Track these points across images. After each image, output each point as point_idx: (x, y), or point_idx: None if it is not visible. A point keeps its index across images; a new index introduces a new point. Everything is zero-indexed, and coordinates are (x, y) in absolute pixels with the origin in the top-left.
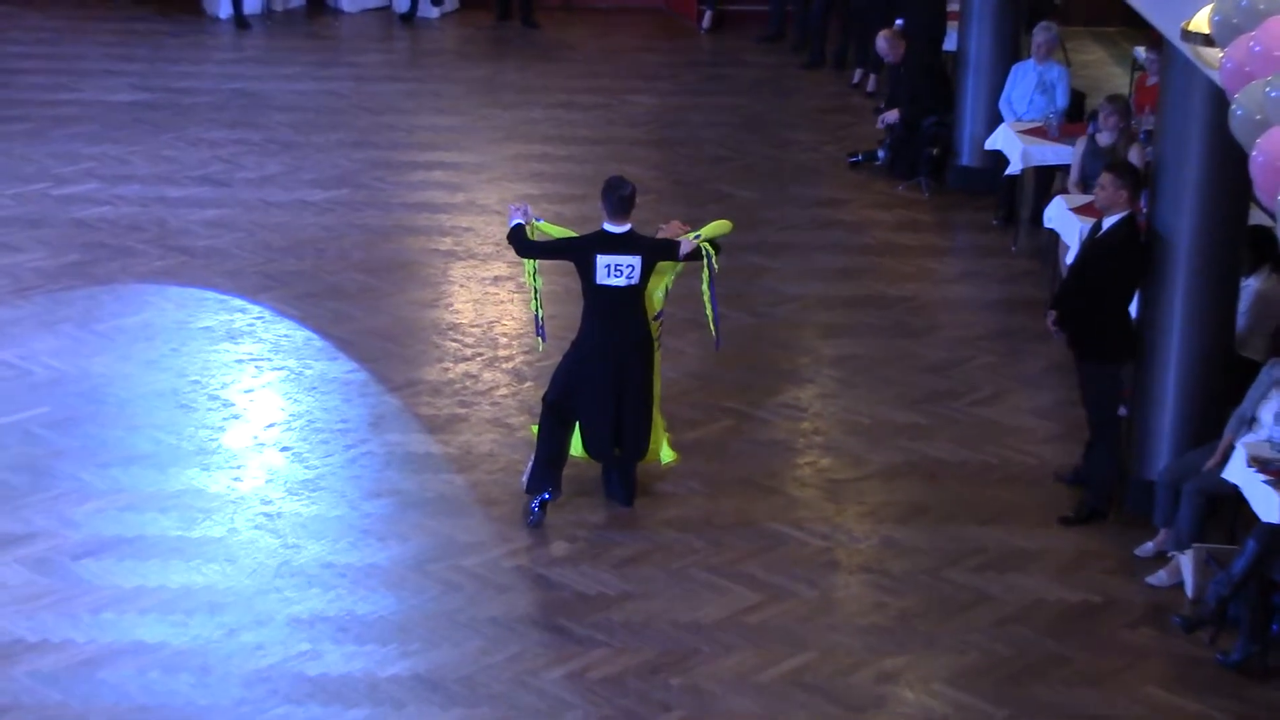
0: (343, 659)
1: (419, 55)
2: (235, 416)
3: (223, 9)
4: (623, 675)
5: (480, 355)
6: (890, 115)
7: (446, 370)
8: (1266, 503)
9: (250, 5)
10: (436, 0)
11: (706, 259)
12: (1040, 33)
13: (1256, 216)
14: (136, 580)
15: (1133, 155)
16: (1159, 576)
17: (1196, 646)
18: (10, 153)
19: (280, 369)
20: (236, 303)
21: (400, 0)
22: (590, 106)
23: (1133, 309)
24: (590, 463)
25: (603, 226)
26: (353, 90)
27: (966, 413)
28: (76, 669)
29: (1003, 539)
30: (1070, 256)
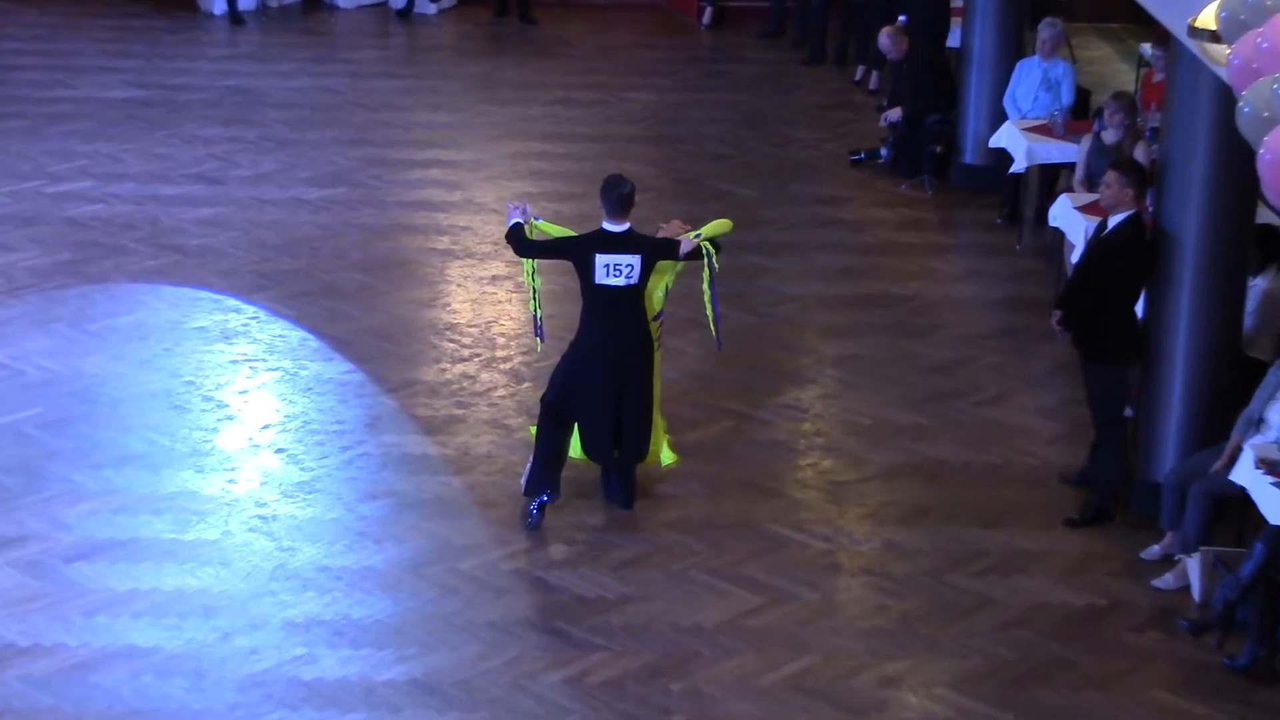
0: (338, 663)
1: (416, 52)
2: (230, 417)
3: (217, 5)
4: (622, 679)
5: (478, 355)
6: (893, 113)
7: (444, 371)
8: (1274, 505)
9: (245, 2)
10: None
11: (707, 258)
12: (1045, 29)
13: (1264, 215)
14: (130, 583)
15: (1138, 153)
16: (1165, 580)
17: (1203, 650)
18: (5, 150)
19: (275, 369)
20: (231, 302)
21: None
22: (589, 103)
23: (1139, 309)
24: (589, 464)
25: (601, 225)
26: (349, 87)
27: (970, 413)
28: (69, 673)
29: (1006, 541)
30: (1075, 255)
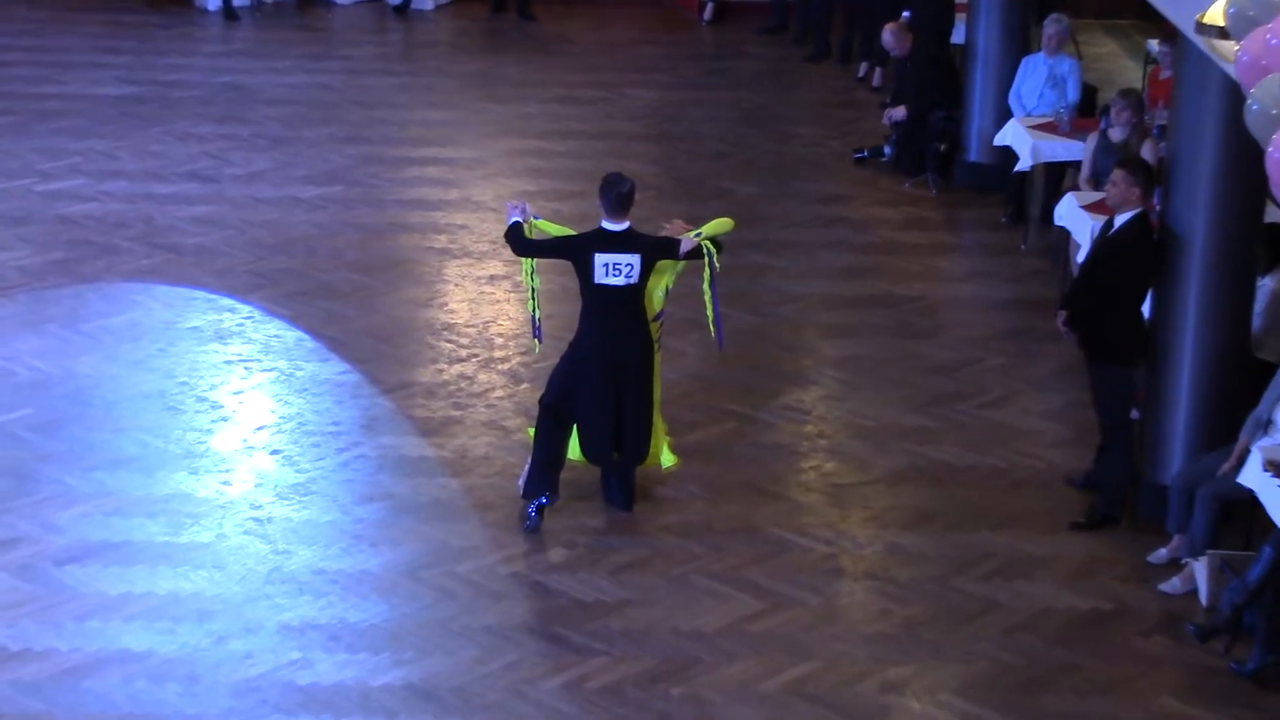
0: (334, 668)
1: (413, 48)
2: (224, 419)
3: (211, 1)
4: (621, 685)
5: (476, 356)
6: (897, 112)
7: (441, 372)
8: None
9: None
10: None
11: (708, 257)
12: (1051, 25)
13: (1273, 214)
14: (122, 587)
15: (1145, 151)
16: (1172, 584)
17: (1211, 656)
18: None
19: (270, 370)
20: (225, 302)
21: None
22: (588, 101)
23: (1145, 309)
24: (588, 466)
25: (601, 224)
26: (345, 84)
27: (974, 415)
28: (60, 678)
29: (1011, 545)
30: (1081, 255)
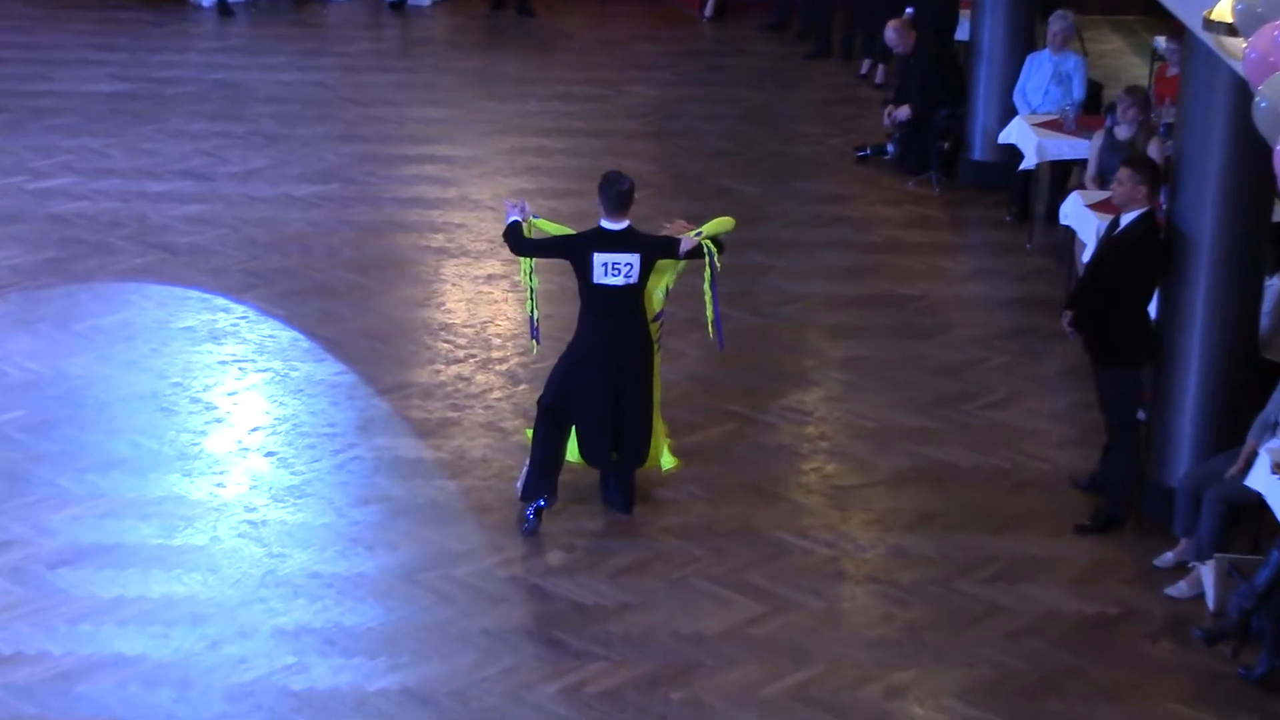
0: (329, 672)
1: (410, 45)
2: (218, 420)
3: None
4: (621, 689)
5: (473, 357)
6: (901, 112)
7: (438, 372)
8: None
9: None
10: None
11: (708, 257)
12: (1056, 21)
13: None
14: (115, 590)
15: (1152, 149)
16: (1179, 588)
17: (1218, 660)
18: None
19: (265, 370)
20: (220, 302)
21: None
22: (587, 98)
23: (1152, 309)
24: (587, 468)
25: (600, 223)
26: (340, 81)
27: (978, 416)
28: (52, 682)
29: (1016, 548)
30: (1087, 254)
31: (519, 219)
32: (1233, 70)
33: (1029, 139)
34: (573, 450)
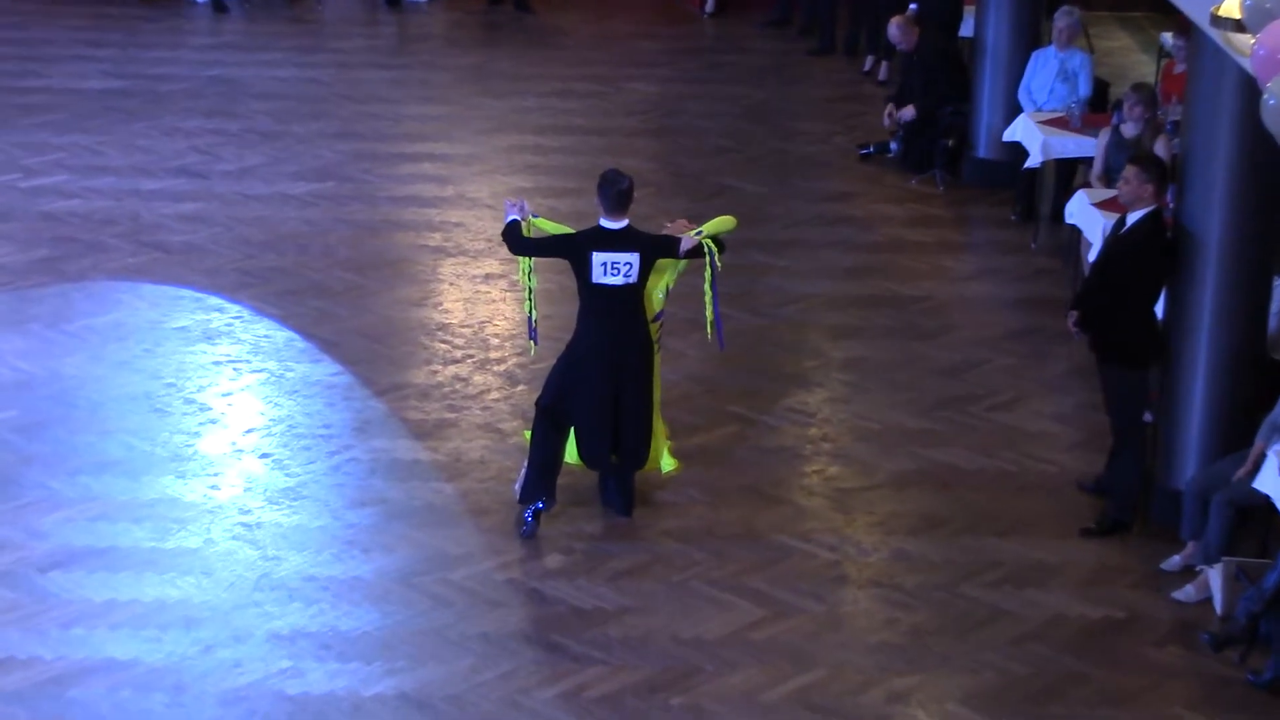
0: (325, 677)
1: (406, 41)
2: (212, 421)
3: None
4: (620, 694)
5: (471, 357)
6: (906, 112)
7: (435, 373)
8: None
9: None
10: None
11: (709, 256)
12: (1062, 18)
13: None
14: (108, 594)
15: (1159, 147)
16: (1186, 592)
17: (1226, 665)
18: None
19: (260, 371)
20: (214, 301)
21: None
22: (586, 95)
23: (1159, 309)
24: (586, 470)
25: (599, 222)
26: (336, 78)
27: (983, 418)
28: (44, 687)
29: (1021, 551)
30: (1093, 254)
31: (518, 218)
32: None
33: (1034, 137)
34: (571, 452)
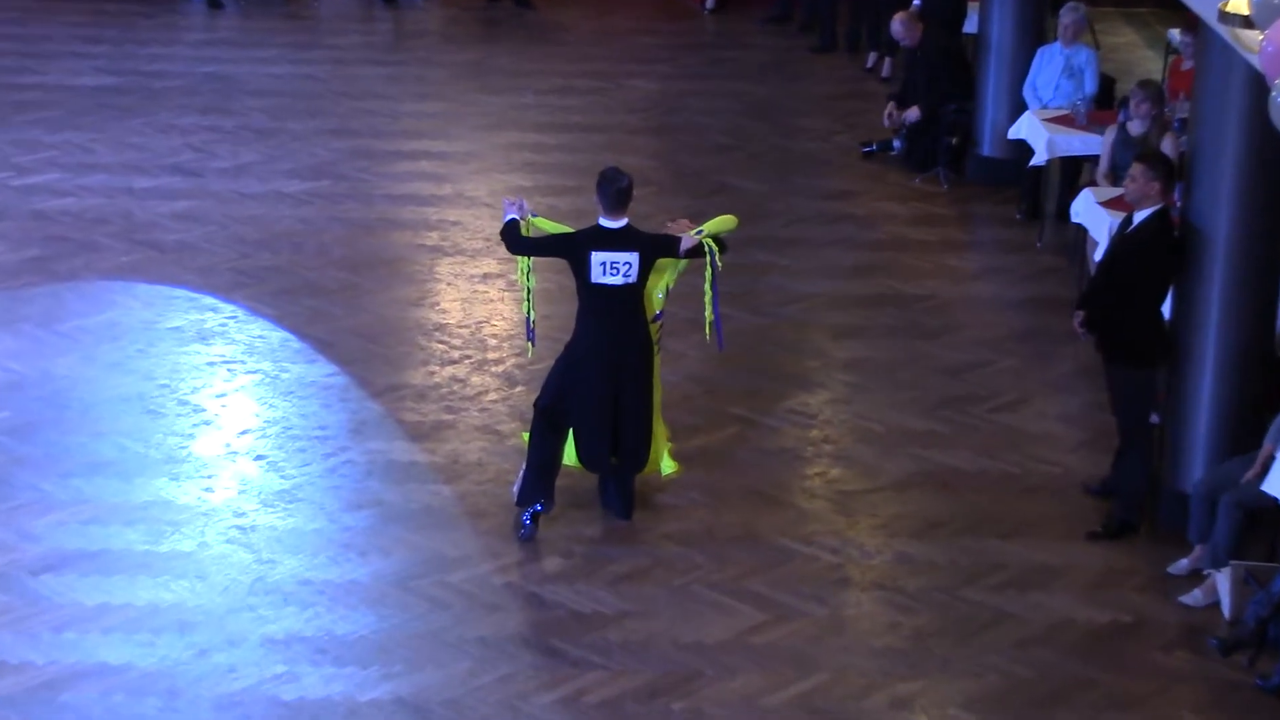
0: (321, 682)
1: (403, 37)
2: (206, 423)
3: None
4: (620, 699)
5: (468, 358)
6: (911, 114)
7: (432, 374)
8: None
9: None
10: None
11: (709, 256)
12: (1067, 13)
13: None
14: (100, 597)
15: (1166, 145)
16: (1194, 595)
17: (1234, 670)
18: None
19: (255, 372)
20: (208, 301)
21: None
22: (586, 92)
23: (1166, 308)
24: (585, 472)
25: (598, 221)
26: (332, 74)
27: (987, 419)
28: (36, 691)
29: (1025, 554)
30: (1099, 253)
31: (516, 217)
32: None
33: (1039, 134)
34: (570, 455)
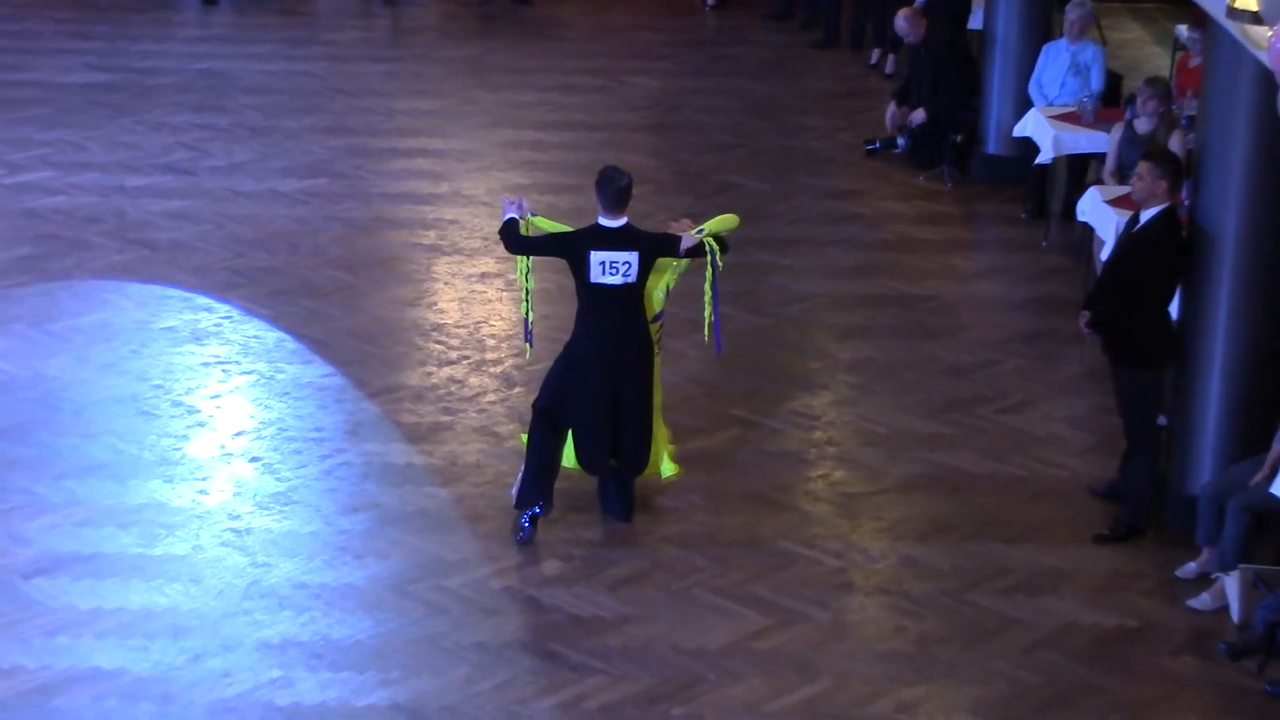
0: (316, 687)
1: (400, 34)
2: (201, 424)
3: None
4: (620, 705)
5: (466, 358)
6: (916, 116)
7: (430, 374)
8: None
9: None
10: None
11: (711, 255)
12: (1073, 9)
13: None
14: (93, 601)
15: (1173, 143)
16: (1202, 599)
17: (1243, 675)
18: None
19: (249, 373)
20: (202, 301)
21: None
22: (585, 89)
23: (1173, 309)
24: (585, 475)
25: (598, 220)
26: (328, 71)
27: (993, 421)
28: (28, 697)
29: (1032, 558)
30: (1105, 252)
31: (515, 216)
32: (1257, 60)
33: (1045, 132)
34: (570, 457)
